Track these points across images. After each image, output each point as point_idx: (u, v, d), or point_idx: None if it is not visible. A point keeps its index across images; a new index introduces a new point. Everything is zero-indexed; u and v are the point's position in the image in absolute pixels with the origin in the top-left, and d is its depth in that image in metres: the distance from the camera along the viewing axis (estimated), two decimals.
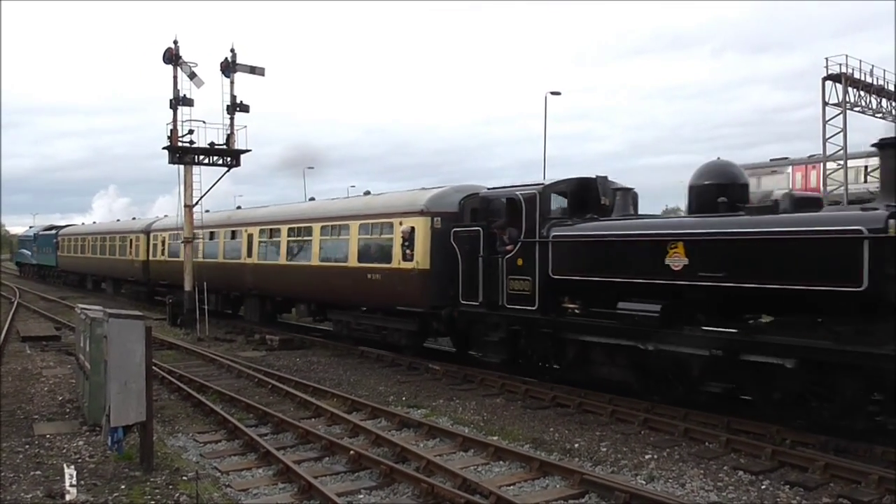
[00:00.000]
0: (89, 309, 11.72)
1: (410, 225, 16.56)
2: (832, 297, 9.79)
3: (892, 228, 9.26)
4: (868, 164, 32.28)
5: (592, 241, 13.01)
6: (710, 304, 11.31)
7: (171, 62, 23.84)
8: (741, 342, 10.68)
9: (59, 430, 10.77)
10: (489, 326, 14.83)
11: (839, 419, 9.96)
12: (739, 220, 11.03)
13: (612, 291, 12.43)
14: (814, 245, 9.93)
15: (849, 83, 30.98)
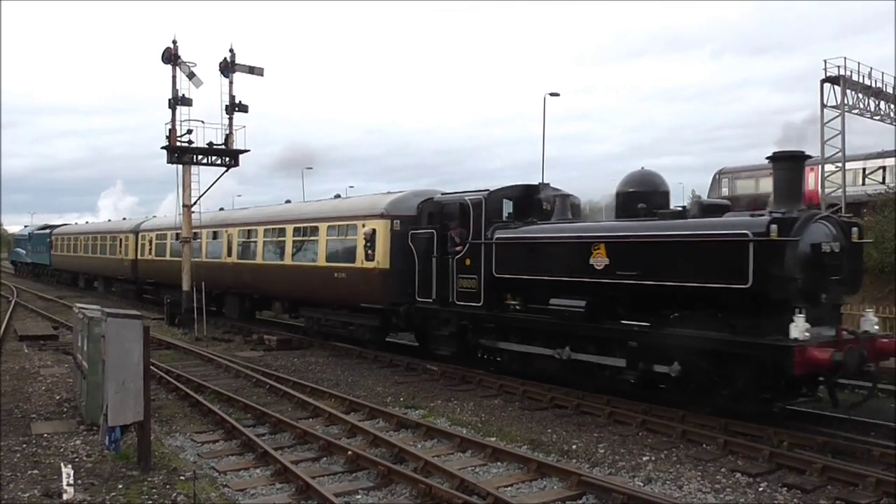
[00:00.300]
0: (87, 308, 11.71)
1: (372, 227, 17.71)
2: (725, 294, 10.90)
3: (774, 233, 10.41)
4: (866, 166, 32.32)
5: (529, 243, 14.10)
6: (628, 301, 12.49)
7: (169, 62, 23.81)
8: (654, 335, 11.75)
9: (56, 430, 10.76)
10: (441, 322, 15.97)
11: (735, 403, 11.03)
12: (651, 224, 12.28)
13: (547, 289, 13.55)
14: (709, 247, 11.08)
15: (847, 85, 30.96)
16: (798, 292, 10.62)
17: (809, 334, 10.10)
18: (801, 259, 10.61)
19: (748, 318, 10.86)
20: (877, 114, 33.37)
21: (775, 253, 10.43)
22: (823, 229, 11.14)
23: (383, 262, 17.41)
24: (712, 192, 39.37)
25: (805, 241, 10.70)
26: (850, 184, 31.06)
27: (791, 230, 10.57)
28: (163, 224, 31.88)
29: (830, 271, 10.91)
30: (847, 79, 30.92)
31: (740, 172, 38.05)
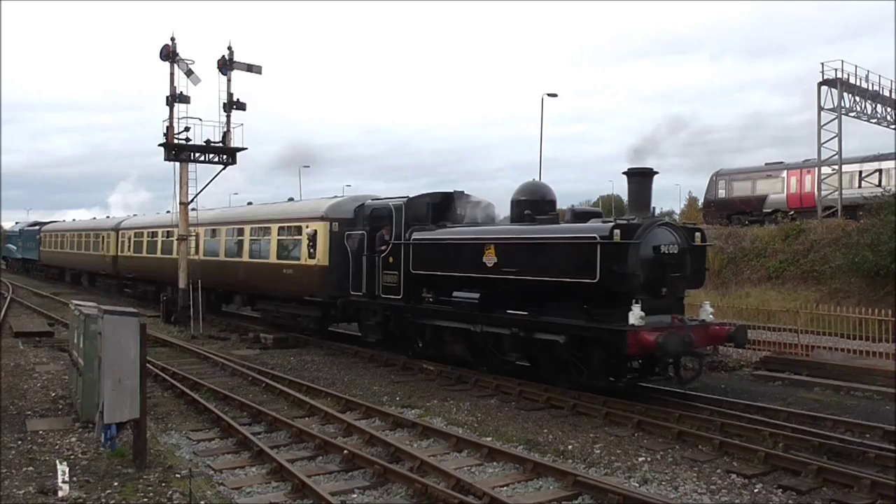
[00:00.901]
0: (84, 305, 11.69)
1: (314, 228, 19.79)
2: (581, 287, 12.94)
3: (616, 237, 12.36)
4: (862, 169, 32.36)
5: (438, 244, 16.13)
6: (512, 293, 14.40)
7: (167, 59, 23.79)
8: (530, 322, 13.84)
9: (51, 427, 10.74)
10: (369, 312, 18.10)
11: (591, 380, 13.05)
12: (528, 229, 14.54)
13: (452, 283, 15.57)
14: (568, 248, 13.16)
15: (844, 88, 31.05)
16: (639, 286, 12.59)
17: (644, 321, 11.97)
18: (642, 258, 12.58)
19: (601, 307, 12.83)
20: (874, 117, 33.46)
21: (618, 253, 12.42)
22: (665, 234, 13.12)
23: (323, 259, 19.48)
24: (708, 194, 39.42)
25: (646, 243, 12.65)
26: (846, 186, 31.12)
27: (633, 234, 12.57)
28: (140, 223, 34.03)
29: (670, 269, 12.82)
30: (844, 82, 31.00)
31: (737, 174, 38.08)
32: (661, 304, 12.82)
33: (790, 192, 35.01)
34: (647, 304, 12.36)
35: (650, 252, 12.67)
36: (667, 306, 12.95)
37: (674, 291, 13.17)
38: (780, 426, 10.86)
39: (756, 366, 16.35)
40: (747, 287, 26.65)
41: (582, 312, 13.12)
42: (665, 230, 13.25)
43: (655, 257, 12.69)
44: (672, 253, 12.88)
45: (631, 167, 13.54)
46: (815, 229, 27.35)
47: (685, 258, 13.21)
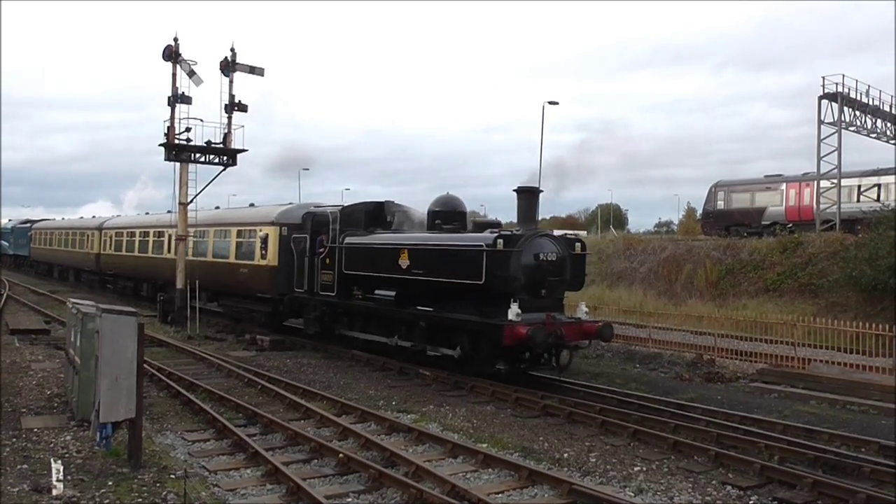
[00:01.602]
0: (81, 303, 11.68)
1: (266, 232, 22.04)
2: (473, 288, 14.91)
3: (500, 245, 14.41)
4: (861, 183, 32.44)
5: (365, 247, 18.14)
6: (422, 292, 16.35)
7: (170, 59, 23.82)
8: (438, 318, 15.88)
9: (46, 425, 10.72)
10: (310, 308, 20.11)
11: (483, 364, 14.99)
12: (434, 236, 16.64)
13: (375, 283, 17.55)
14: (463, 254, 15.17)
15: (844, 103, 31.12)
16: (521, 287, 14.62)
17: (520, 317, 13.98)
18: (523, 264, 14.63)
19: (489, 305, 14.76)
20: (873, 132, 33.54)
21: (501, 260, 14.43)
22: (546, 243, 15.22)
23: (273, 260, 21.62)
24: (707, 205, 39.49)
25: (528, 252, 14.73)
26: (845, 200, 31.17)
27: (515, 244, 14.63)
28: (121, 223, 36.35)
29: (549, 274, 14.92)
30: (845, 96, 31.08)
31: (736, 186, 38.17)
32: (541, 303, 14.87)
33: (789, 205, 35.08)
34: (527, 303, 14.46)
35: (531, 259, 14.77)
36: (546, 305, 14.99)
37: (553, 293, 15.27)
38: (775, 438, 10.86)
39: (752, 378, 16.36)
40: (745, 299, 26.65)
41: (475, 309, 15.14)
42: (546, 240, 15.42)
43: (536, 264, 14.78)
44: (551, 260, 15.00)
45: (520, 185, 15.71)
46: (814, 242, 27.38)
47: (564, 265, 15.30)
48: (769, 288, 26.72)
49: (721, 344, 18.68)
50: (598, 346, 20.44)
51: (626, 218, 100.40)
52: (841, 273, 23.68)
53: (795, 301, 25.06)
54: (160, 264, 29.35)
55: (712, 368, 17.11)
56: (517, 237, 14.85)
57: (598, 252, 36.02)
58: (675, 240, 37.78)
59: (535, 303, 14.67)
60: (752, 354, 17.96)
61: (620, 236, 41.60)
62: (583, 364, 18.46)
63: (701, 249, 30.94)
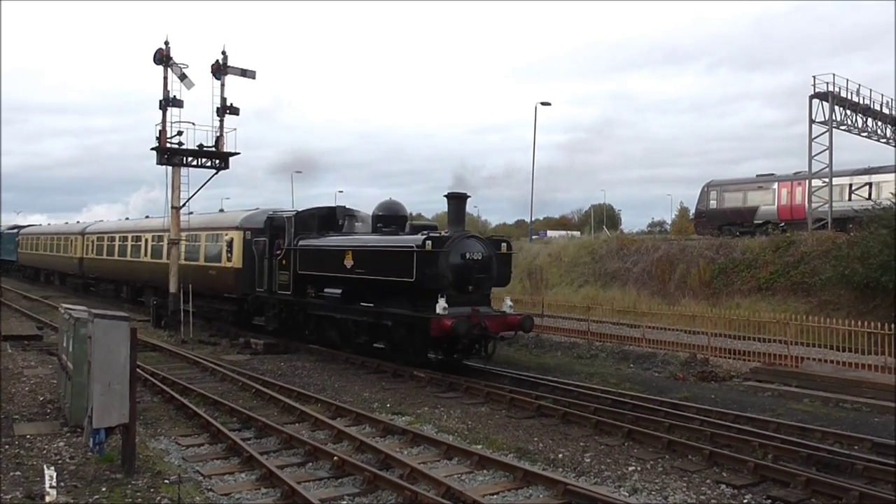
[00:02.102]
0: (73, 309, 11.64)
1: (231, 236, 23.63)
2: (406, 285, 16.51)
3: (428, 246, 15.83)
4: (853, 182, 32.57)
5: (316, 249, 19.66)
6: (364, 289, 17.90)
7: (161, 63, 23.77)
8: (375, 313, 17.46)
9: (39, 431, 10.66)
10: (269, 305, 21.80)
11: (416, 355, 16.55)
12: (373, 238, 18.53)
13: (325, 281, 19.05)
14: (397, 254, 16.68)
15: (836, 102, 31.24)
16: (448, 284, 16.06)
17: (447, 311, 15.44)
18: (451, 263, 16.08)
19: (420, 300, 16.30)
20: (864, 130, 33.69)
21: (429, 259, 15.88)
22: (473, 244, 16.67)
23: (237, 262, 23.22)
24: (700, 205, 39.59)
25: (455, 252, 16.17)
26: (836, 199, 31.29)
27: (444, 245, 16.11)
28: (102, 228, 37.90)
29: (476, 271, 16.37)
30: (836, 95, 31.20)
31: (728, 185, 38.29)
32: (468, 298, 16.37)
33: (781, 204, 35.20)
34: (455, 298, 15.97)
35: (458, 258, 16.23)
36: (474, 300, 16.50)
37: (480, 289, 16.80)
38: (769, 437, 10.90)
39: (746, 376, 16.40)
40: (738, 298, 26.72)
41: (408, 304, 16.68)
42: (473, 241, 16.87)
43: (463, 263, 16.25)
44: (477, 259, 16.45)
45: (449, 192, 17.14)
46: (806, 241, 27.46)
47: (491, 263, 16.75)
48: (762, 287, 26.79)
49: (714, 343, 18.72)
50: (593, 346, 20.50)
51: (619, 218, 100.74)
52: (833, 271, 23.76)
53: (788, 300, 25.14)
54: (138, 267, 30.90)
55: (706, 367, 17.15)
56: (445, 238, 16.41)
57: (592, 252, 36.08)
58: (668, 239, 37.84)
59: (462, 298, 16.22)
60: (745, 353, 18.01)
61: (614, 236, 41.65)
62: (577, 364, 18.50)
63: (694, 249, 31.00)
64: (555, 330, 23.24)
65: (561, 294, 31.93)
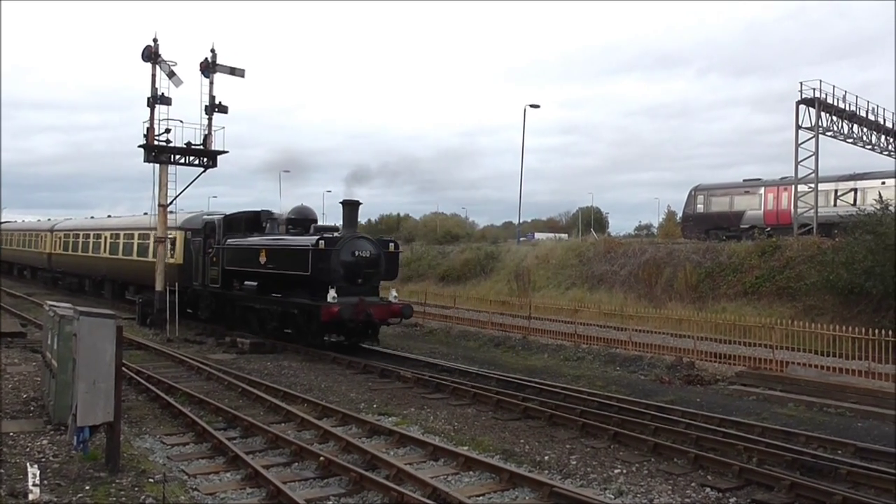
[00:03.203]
0: (58, 306, 11.55)
1: (175, 235, 26.10)
2: (304, 278, 19.38)
3: (321, 246, 18.85)
4: (838, 188, 32.83)
5: (239, 248, 22.73)
6: (275, 282, 20.89)
7: (149, 60, 23.66)
8: (282, 303, 20.56)
9: (22, 429, 10.58)
10: (203, 297, 24.68)
11: (314, 338, 19.40)
12: (282, 238, 21.78)
13: (245, 276, 21.98)
14: (297, 252, 19.80)
15: (822, 108, 31.46)
16: (339, 278, 18.90)
17: (336, 300, 18.24)
18: (342, 260, 19.07)
19: (317, 292, 19.01)
20: (850, 136, 33.94)
21: (322, 256, 18.86)
22: (363, 243, 19.74)
23: (179, 258, 25.85)
24: (687, 208, 39.79)
25: (346, 250, 19.19)
26: (822, 205, 31.51)
27: (335, 244, 19.08)
28: (68, 226, 40.81)
29: (365, 267, 19.49)
30: (822, 101, 31.42)
31: (715, 190, 38.50)
32: (358, 289, 19.23)
33: (767, 209, 35.43)
34: (346, 290, 18.79)
35: (349, 256, 19.25)
36: (363, 291, 19.40)
37: (369, 282, 19.85)
38: (754, 441, 10.94)
39: (731, 380, 16.48)
40: (724, 302, 26.87)
41: (308, 295, 19.45)
42: (363, 241, 19.95)
43: (353, 260, 19.28)
44: (366, 257, 19.53)
45: (344, 199, 20.28)
46: (791, 246, 27.65)
47: (379, 260, 19.88)
48: (748, 291, 26.95)
49: (700, 347, 18.81)
50: (580, 348, 20.56)
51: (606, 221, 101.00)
52: (818, 276, 23.94)
53: (773, 304, 25.30)
54: (98, 262, 34.08)
55: (692, 371, 17.23)
56: (337, 239, 19.36)
57: (579, 255, 36.19)
58: (655, 243, 38.00)
59: (353, 289, 19.05)
60: (730, 357, 18.10)
61: (601, 239, 41.78)
62: (564, 367, 18.54)
63: (681, 253, 31.15)
64: (542, 332, 23.29)
65: (548, 296, 31.99)
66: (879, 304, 21.94)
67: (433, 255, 46.80)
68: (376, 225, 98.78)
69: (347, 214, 20.04)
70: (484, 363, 18.68)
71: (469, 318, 27.22)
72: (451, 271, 42.74)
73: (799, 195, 31.82)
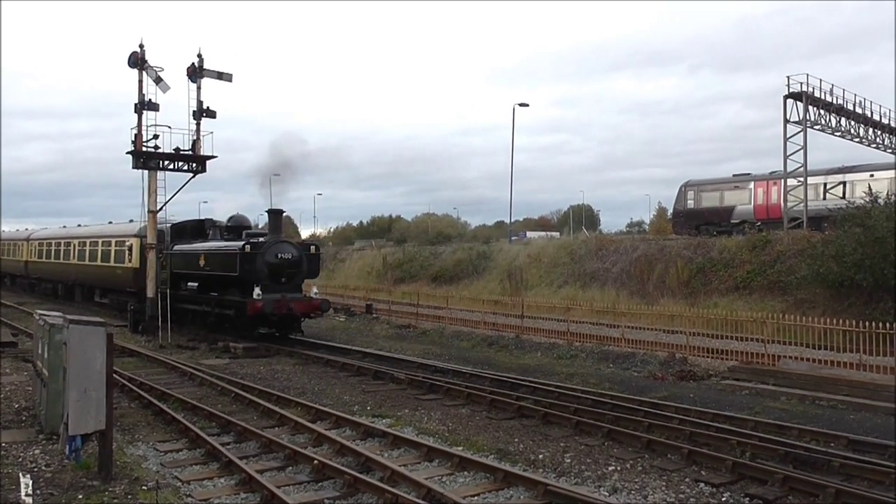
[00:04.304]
0: (49, 315, 11.50)
1: (131, 242, 29.01)
2: (234, 279, 22.16)
3: (247, 249, 21.59)
4: (827, 181, 32.96)
5: (184, 253, 25.21)
6: (212, 282, 23.44)
7: (136, 66, 23.56)
8: (217, 301, 22.99)
9: (14, 439, 10.52)
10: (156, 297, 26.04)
11: (245, 331, 21.78)
12: (216, 244, 24.16)
13: (189, 278, 24.40)
14: (228, 255, 22.51)
15: (809, 102, 31.58)
16: (265, 277, 21.51)
17: (260, 297, 20.78)
18: (267, 262, 21.65)
19: (246, 290, 21.59)
20: (838, 130, 34.08)
21: (249, 259, 21.61)
22: (286, 247, 22.43)
23: (136, 263, 28.23)
24: (678, 204, 39.88)
25: (270, 253, 21.78)
26: (811, 198, 31.64)
27: (260, 248, 21.77)
28: (43, 235, 43.64)
29: (288, 268, 22.01)
30: (809, 95, 31.54)
31: (705, 185, 38.61)
32: (282, 287, 21.75)
33: (757, 203, 35.55)
34: (272, 288, 21.40)
35: (273, 258, 21.82)
36: (287, 289, 21.88)
37: (292, 280, 22.34)
38: (747, 435, 10.98)
39: (724, 375, 16.53)
40: (715, 297, 26.97)
41: (239, 293, 22.08)
42: (286, 245, 22.62)
43: (277, 261, 21.85)
44: (288, 258, 22.08)
45: (269, 208, 23.21)
46: (782, 240, 27.77)
47: (301, 261, 22.43)
48: (739, 286, 27.06)
49: (693, 342, 18.86)
50: (573, 346, 20.58)
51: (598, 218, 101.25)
52: (808, 270, 24.04)
53: (765, 298, 25.41)
54: (68, 268, 36.84)
55: (685, 367, 17.28)
56: (262, 243, 22.03)
57: (571, 253, 36.25)
58: (646, 239, 38.09)
59: (278, 287, 21.62)
60: (723, 352, 18.16)
61: (593, 237, 41.86)
62: (557, 365, 18.56)
63: (672, 249, 31.23)
64: (535, 331, 23.31)
65: (541, 295, 32.02)
66: (870, 296, 22.07)
67: (425, 255, 46.84)
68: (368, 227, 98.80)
69: (272, 221, 22.98)
70: (477, 363, 18.68)
71: (462, 318, 27.23)
72: (443, 272, 42.78)
73: (788, 189, 31.93)
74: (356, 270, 52.53)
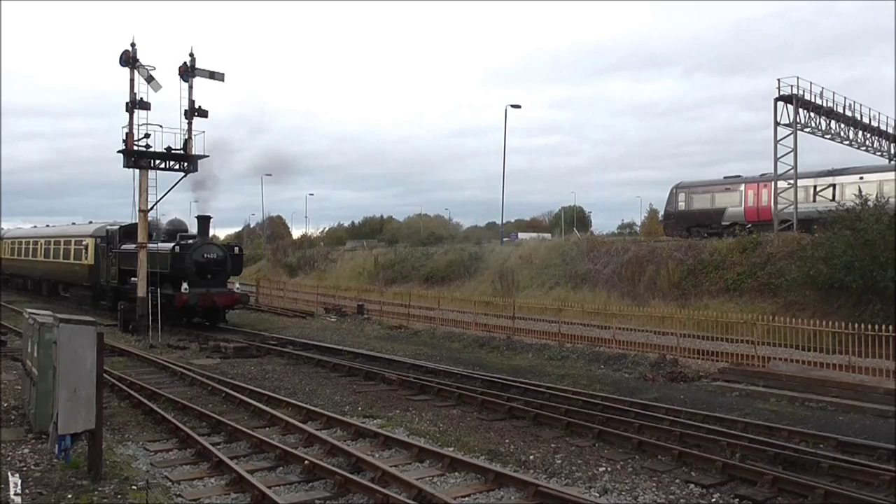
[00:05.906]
0: (38, 314, 11.44)
1: (87, 242, 32.14)
2: (167, 275, 24.82)
3: (177, 250, 25.06)
4: (817, 184, 33.12)
5: (126, 253, 27.65)
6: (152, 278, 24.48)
7: (127, 65, 23.47)
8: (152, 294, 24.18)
9: (3, 438, 10.44)
10: (107, 291, 30.07)
11: (176, 319, 25.15)
12: (160, 245, 25.54)
13: (132, 273, 25.84)
14: (162, 255, 24.95)
15: (800, 104, 31.74)
16: (193, 274, 24.80)
17: (187, 291, 24.09)
18: (195, 260, 25.03)
19: (176, 284, 24.56)
20: (828, 133, 34.26)
21: (178, 258, 25.01)
22: (212, 248, 26.10)
23: (91, 261, 31.60)
24: (669, 206, 39.99)
25: (198, 253, 25.24)
26: (801, 201, 31.78)
27: (188, 249, 25.19)
28: (15, 234, 47.93)
29: (213, 266, 25.55)
30: (799, 98, 31.69)
31: (696, 187, 38.73)
32: (208, 283, 25.24)
33: (748, 206, 35.69)
34: (199, 283, 24.76)
35: (200, 257, 25.26)
36: (213, 284, 25.44)
37: (217, 277, 25.81)
38: (737, 436, 11.03)
39: (714, 377, 16.59)
40: (706, 299, 27.05)
41: (172, 287, 24.72)
42: (212, 246, 26.34)
43: (203, 260, 25.30)
44: (214, 258, 25.67)
45: (198, 214, 26.59)
46: (772, 242, 27.89)
47: (226, 261, 26.10)
48: (730, 287, 27.15)
49: (684, 344, 18.92)
50: (564, 347, 20.62)
51: (589, 220, 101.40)
52: (798, 272, 24.15)
53: (755, 300, 25.50)
54: (36, 265, 40.32)
55: (675, 368, 17.32)
56: (190, 245, 25.42)
57: (562, 254, 36.31)
58: (637, 241, 38.20)
59: (204, 283, 25.00)
60: (713, 354, 18.21)
61: (584, 238, 41.93)
62: (548, 366, 18.58)
63: (663, 250, 31.32)
64: (526, 332, 23.33)
65: (532, 296, 32.06)
66: (859, 298, 22.18)
67: (417, 256, 46.84)
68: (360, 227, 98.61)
69: (201, 225, 26.46)
70: (469, 364, 18.69)
71: (453, 319, 27.22)
72: (435, 273, 42.79)
73: (779, 191, 32.06)
74: (347, 271, 52.48)
